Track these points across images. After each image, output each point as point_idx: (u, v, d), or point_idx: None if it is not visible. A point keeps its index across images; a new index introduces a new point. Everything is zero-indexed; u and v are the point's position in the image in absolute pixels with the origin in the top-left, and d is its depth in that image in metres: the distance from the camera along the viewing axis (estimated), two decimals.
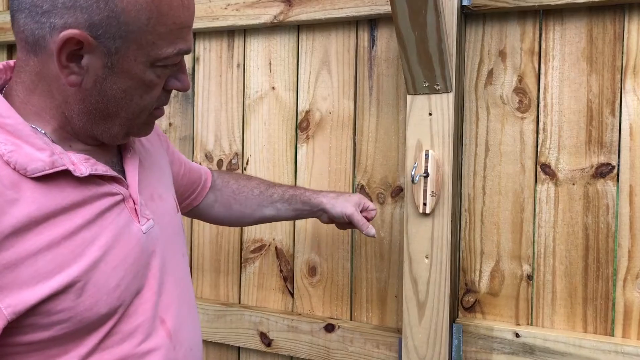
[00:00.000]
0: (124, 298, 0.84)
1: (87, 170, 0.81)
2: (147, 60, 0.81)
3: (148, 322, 0.88)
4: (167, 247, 0.94)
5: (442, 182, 1.28)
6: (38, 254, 0.75)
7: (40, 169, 0.76)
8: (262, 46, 1.58)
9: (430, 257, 1.30)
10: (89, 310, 0.79)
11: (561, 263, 1.29)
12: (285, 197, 1.30)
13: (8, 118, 0.78)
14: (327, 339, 1.48)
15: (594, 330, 1.27)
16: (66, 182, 0.79)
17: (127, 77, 0.81)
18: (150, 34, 0.79)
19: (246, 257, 1.62)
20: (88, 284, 0.79)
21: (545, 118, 1.30)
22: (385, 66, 1.45)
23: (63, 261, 0.77)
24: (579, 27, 1.27)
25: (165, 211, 0.97)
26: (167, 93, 0.89)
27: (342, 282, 1.51)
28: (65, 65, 0.78)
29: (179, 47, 0.83)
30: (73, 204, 0.79)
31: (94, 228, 0.81)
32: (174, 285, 0.95)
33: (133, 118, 0.86)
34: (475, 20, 1.35)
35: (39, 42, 0.78)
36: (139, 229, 0.88)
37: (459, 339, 1.34)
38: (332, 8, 1.44)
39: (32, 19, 0.76)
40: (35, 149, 0.77)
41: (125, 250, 0.85)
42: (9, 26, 1.80)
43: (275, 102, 1.57)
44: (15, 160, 0.75)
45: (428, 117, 1.29)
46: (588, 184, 1.27)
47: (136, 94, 0.83)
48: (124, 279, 0.84)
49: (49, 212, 0.76)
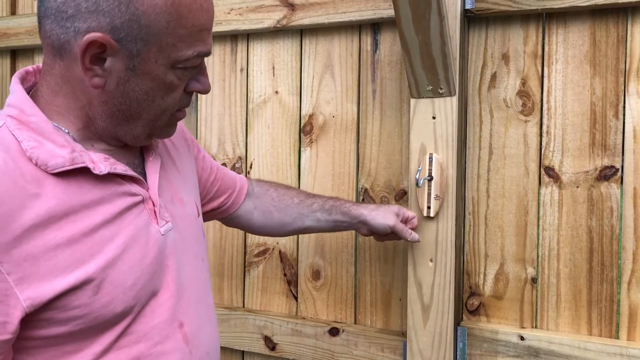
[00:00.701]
0: (140, 298, 0.86)
1: (106, 169, 0.83)
2: (167, 62, 0.83)
3: (165, 324, 0.89)
4: (185, 250, 0.96)
5: (446, 185, 1.28)
6: (57, 249, 0.77)
7: (61, 165, 0.79)
8: (266, 50, 1.59)
9: (434, 261, 1.30)
10: (105, 307, 0.81)
11: (565, 266, 1.29)
12: (325, 207, 1.28)
13: (33, 116, 0.81)
14: (332, 342, 1.48)
15: (598, 333, 1.27)
16: (86, 180, 0.82)
17: (148, 79, 0.83)
18: (170, 36, 0.81)
19: (250, 260, 1.63)
20: (105, 281, 0.81)
21: (548, 121, 1.30)
22: (389, 70, 1.45)
23: (81, 257, 0.79)
24: (582, 30, 1.27)
25: (185, 215, 0.98)
26: (188, 95, 0.91)
27: (347, 286, 1.51)
28: (89, 68, 0.80)
29: (198, 49, 0.85)
30: (93, 202, 0.82)
31: (112, 227, 0.83)
32: (193, 288, 0.96)
33: (155, 119, 0.88)
34: (479, 24, 1.35)
35: (64, 47, 0.80)
36: (157, 230, 0.89)
37: (463, 342, 1.34)
38: (335, 12, 1.44)
39: (58, 24, 0.79)
40: (57, 145, 0.80)
41: (143, 251, 0.86)
42: (13, 32, 1.81)
43: (279, 106, 1.57)
44: (37, 156, 0.78)
45: (432, 121, 1.29)
46: (592, 187, 1.27)
47: (158, 95, 0.85)
48: (140, 279, 0.85)
49: (68, 208, 0.79)
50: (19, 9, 1.90)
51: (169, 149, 1.03)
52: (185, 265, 0.95)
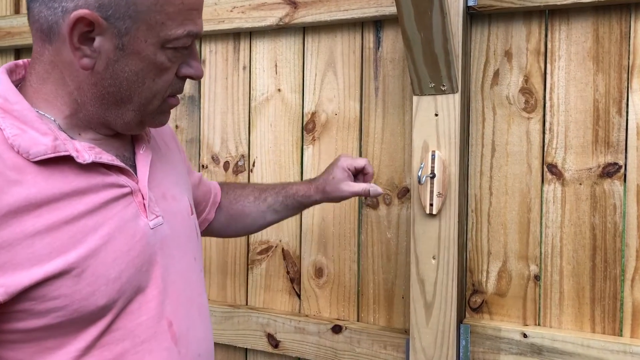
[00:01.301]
0: (125, 292, 0.83)
1: (90, 158, 0.81)
2: (157, 42, 0.82)
3: (152, 322, 0.87)
4: (177, 247, 0.93)
5: (449, 182, 1.28)
6: (35, 237, 0.75)
7: (42, 153, 0.78)
8: (268, 48, 1.59)
9: (437, 258, 1.30)
10: (86, 299, 0.79)
11: (568, 263, 1.29)
12: (279, 199, 1.27)
13: (16, 104, 0.80)
14: (335, 340, 1.49)
15: (602, 331, 1.27)
16: (70, 169, 0.80)
17: (138, 59, 0.82)
18: (159, 13, 0.81)
19: (253, 258, 1.63)
20: (86, 271, 0.79)
21: (551, 118, 1.30)
22: (391, 67, 1.45)
23: (61, 245, 0.77)
24: (585, 26, 1.27)
25: (177, 211, 0.96)
26: (180, 80, 0.89)
27: (349, 284, 1.51)
28: (77, 47, 0.79)
29: (188, 28, 0.83)
30: (76, 191, 0.80)
31: (96, 217, 0.81)
32: (183, 287, 0.93)
33: (146, 103, 0.86)
34: (481, 21, 1.35)
35: (52, 29, 0.80)
36: (146, 223, 0.87)
37: (466, 339, 1.34)
38: (337, 10, 1.44)
39: (45, 5, 0.79)
40: (40, 133, 0.79)
41: (129, 243, 0.84)
42: (17, 30, 1.82)
43: (281, 104, 1.58)
44: (19, 143, 0.77)
45: (434, 118, 1.29)
46: (595, 184, 1.26)
47: (148, 76, 0.84)
48: (125, 272, 0.83)
49: (50, 196, 0.78)
50: (22, 7, 1.91)
51: (160, 145, 1.02)
52: (176, 263, 0.92)
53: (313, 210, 1.53)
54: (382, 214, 1.47)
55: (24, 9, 1.91)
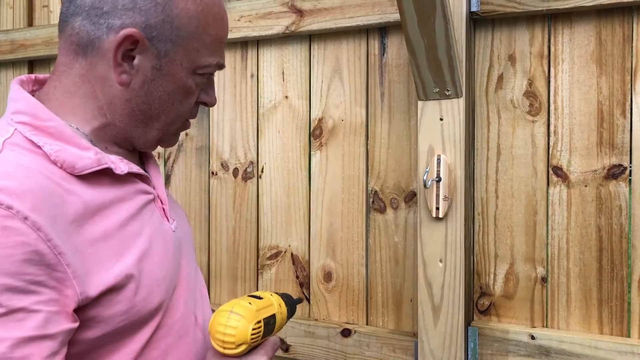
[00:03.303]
0: (168, 290, 0.88)
1: (125, 168, 0.85)
2: (190, 67, 0.87)
3: (184, 317, 0.92)
4: (186, 247, 0.99)
5: (455, 186, 1.29)
6: (96, 243, 0.78)
7: (89, 166, 0.80)
8: (275, 56, 1.61)
9: (444, 261, 1.31)
10: (145, 300, 0.82)
11: (575, 265, 1.30)
12: None
13: (49, 121, 0.81)
14: (344, 343, 1.50)
15: (609, 332, 1.27)
16: (107, 180, 0.83)
17: (171, 81, 0.86)
18: (197, 41, 0.86)
19: (263, 263, 1.65)
20: (142, 273, 0.82)
21: (556, 121, 1.31)
22: (396, 73, 1.46)
23: (118, 251, 0.80)
24: (587, 30, 1.28)
25: (181, 214, 1.03)
26: (197, 106, 0.94)
27: (358, 287, 1.53)
28: (119, 64, 0.83)
29: (217, 59, 0.89)
30: (116, 198, 0.83)
31: (137, 221, 0.85)
32: (195, 284, 0.99)
33: (170, 123, 0.91)
34: (485, 26, 1.36)
35: (92, 43, 0.82)
36: (169, 227, 0.93)
37: (474, 342, 1.34)
38: (342, 17, 1.46)
39: (90, 20, 0.82)
40: (80, 149, 0.81)
41: (164, 245, 0.89)
42: (30, 43, 1.86)
43: (289, 111, 1.60)
44: (62, 159, 0.79)
45: (439, 122, 1.30)
46: (600, 186, 1.27)
47: (177, 98, 0.88)
48: (168, 272, 0.88)
49: (100, 204, 0.80)
50: (35, 20, 1.95)
51: None
52: (189, 262, 0.98)
53: (321, 214, 1.55)
54: (390, 218, 1.48)
55: (37, 22, 1.95)
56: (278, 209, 1.61)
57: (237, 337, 0.85)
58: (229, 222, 1.67)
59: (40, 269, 0.70)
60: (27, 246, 0.69)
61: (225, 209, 1.68)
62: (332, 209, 1.54)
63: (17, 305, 0.68)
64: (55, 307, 0.71)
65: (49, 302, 0.71)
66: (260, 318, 0.89)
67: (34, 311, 0.69)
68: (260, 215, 1.63)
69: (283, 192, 1.60)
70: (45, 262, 0.70)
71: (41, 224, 0.70)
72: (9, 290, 0.68)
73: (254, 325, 0.86)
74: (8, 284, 0.68)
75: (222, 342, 0.85)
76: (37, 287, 0.70)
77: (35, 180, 0.73)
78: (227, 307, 0.87)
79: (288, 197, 1.60)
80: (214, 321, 0.86)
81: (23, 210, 0.69)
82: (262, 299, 0.93)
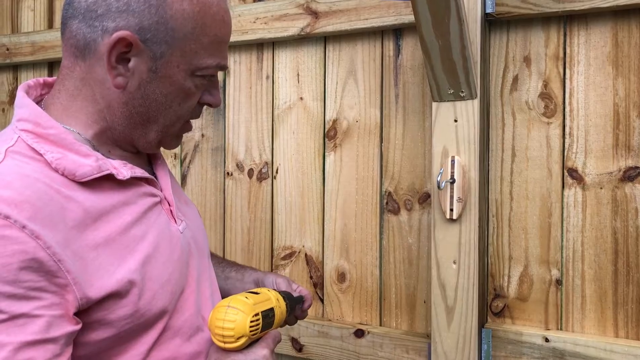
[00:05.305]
0: (174, 293, 0.88)
1: (128, 173, 0.85)
2: (188, 69, 0.86)
3: (192, 318, 0.92)
4: (197, 248, 0.99)
5: (469, 187, 1.29)
6: (98, 249, 0.78)
7: (89, 174, 0.81)
8: (290, 58, 1.62)
9: (457, 263, 1.31)
10: (149, 303, 0.83)
11: (590, 267, 1.29)
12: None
13: (51, 129, 0.81)
14: (357, 344, 1.50)
15: (625, 335, 1.26)
16: (109, 185, 0.84)
17: (168, 83, 0.86)
18: (194, 42, 0.85)
19: (277, 264, 1.66)
20: (145, 277, 0.83)
21: (571, 123, 1.30)
22: (411, 74, 1.47)
23: (121, 256, 0.81)
24: (603, 31, 1.27)
25: (192, 214, 1.03)
26: (200, 107, 0.94)
27: (371, 288, 1.53)
28: (113, 66, 0.83)
29: (217, 60, 0.88)
30: (119, 203, 0.84)
31: (141, 225, 0.85)
32: (207, 285, 0.99)
33: (170, 125, 0.90)
34: (500, 27, 1.36)
35: (89, 46, 0.83)
36: (177, 229, 0.93)
37: (488, 344, 1.34)
38: (357, 19, 1.47)
39: (86, 23, 0.82)
40: (81, 155, 0.81)
41: (170, 247, 0.89)
42: (50, 44, 1.89)
43: (304, 112, 1.61)
44: (63, 166, 0.79)
45: (454, 124, 1.30)
46: (616, 188, 1.26)
47: (175, 101, 0.88)
48: (173, 274, 0.88)
49: (101, 210, 0.81)
50: (55, 22, 1.98)
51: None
52: (199, 263, 0.98)
53: (335, 215, 1.56)
54: (404, 220, 1.48)
55: (57, 24, 1.98)
56: (292, 209, 1.62)
57: (236, 330, 0.85)
58: (243, 222, 1.69)
59: (39, 276, 0.72)
60: (25, 254, 0.70)
61: (240, 209, 1.69)
62: (346, 210, 1.54)
63: (19, 311, 0.70)
64: (57, 311, 0.73)
65: (51, 307, 0.73)
66: (258, 311, 0.89)
67: (35, 316, 0.71)
68: (275, 216, 1.65)
69: (297, 193, 1.61)
70: (45, 268, 0.72)
71: (39, 232, 0.72)
72: (9, 297, 0.70)
73: (251, 317, 0.87)
74: (7, 292, 0.70)
75: (221, 336, 0.86)
76: (37, 293, 0.72)
77: (34, 188, 0.74)
78: (224, 303, 0.88)
79: (302, 198, 1.60)
80: (213, 317, 0.87)
81: (20, 219, 0.71)
82: (259, 294, 0.94)
